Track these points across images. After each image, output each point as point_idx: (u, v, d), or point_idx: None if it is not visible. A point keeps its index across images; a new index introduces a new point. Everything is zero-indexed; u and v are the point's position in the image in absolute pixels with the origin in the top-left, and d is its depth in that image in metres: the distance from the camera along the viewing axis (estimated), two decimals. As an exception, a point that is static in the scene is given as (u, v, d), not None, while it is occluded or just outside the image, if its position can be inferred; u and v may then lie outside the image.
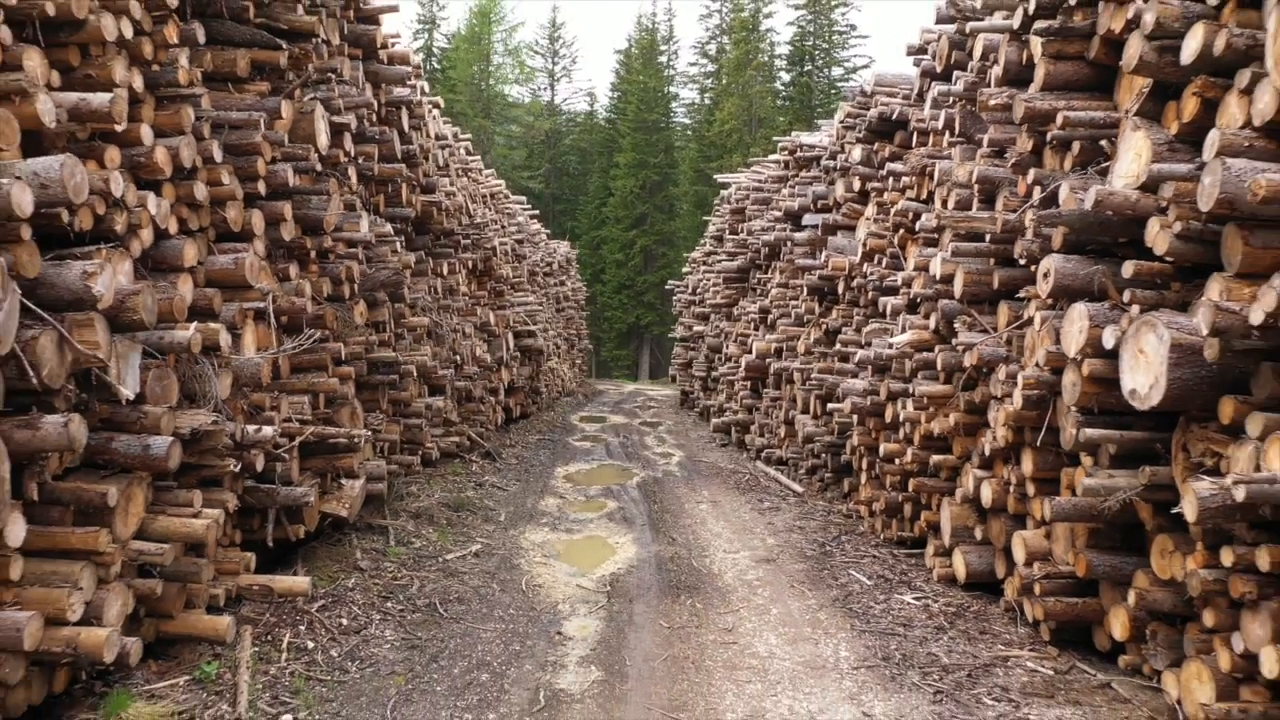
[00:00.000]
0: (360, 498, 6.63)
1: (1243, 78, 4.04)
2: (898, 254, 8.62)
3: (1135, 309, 4.49)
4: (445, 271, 10.80)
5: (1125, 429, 4.74)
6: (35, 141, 3.87)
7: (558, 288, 23.95)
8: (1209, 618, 4.18)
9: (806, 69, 35.77)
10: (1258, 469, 3.72)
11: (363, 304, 7.26)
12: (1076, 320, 4.81)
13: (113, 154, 4.37)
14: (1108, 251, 4.99)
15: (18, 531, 3.46)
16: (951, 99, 7.46)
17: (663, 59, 42.61)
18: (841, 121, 10.73)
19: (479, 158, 14.31)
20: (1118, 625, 5.07)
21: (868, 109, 9.86)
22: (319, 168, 6.27)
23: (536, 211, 21.26)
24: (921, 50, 8.62)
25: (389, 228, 7.82)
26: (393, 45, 8.33)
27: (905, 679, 4.99)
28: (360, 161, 7.55)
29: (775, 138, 15.79)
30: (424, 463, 9.32)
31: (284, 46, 5.88)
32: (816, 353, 11.10)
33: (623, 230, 38.38)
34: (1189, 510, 3.96)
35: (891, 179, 8.88)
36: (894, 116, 9.12)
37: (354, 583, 6.12)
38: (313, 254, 6.39)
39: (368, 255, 7.39)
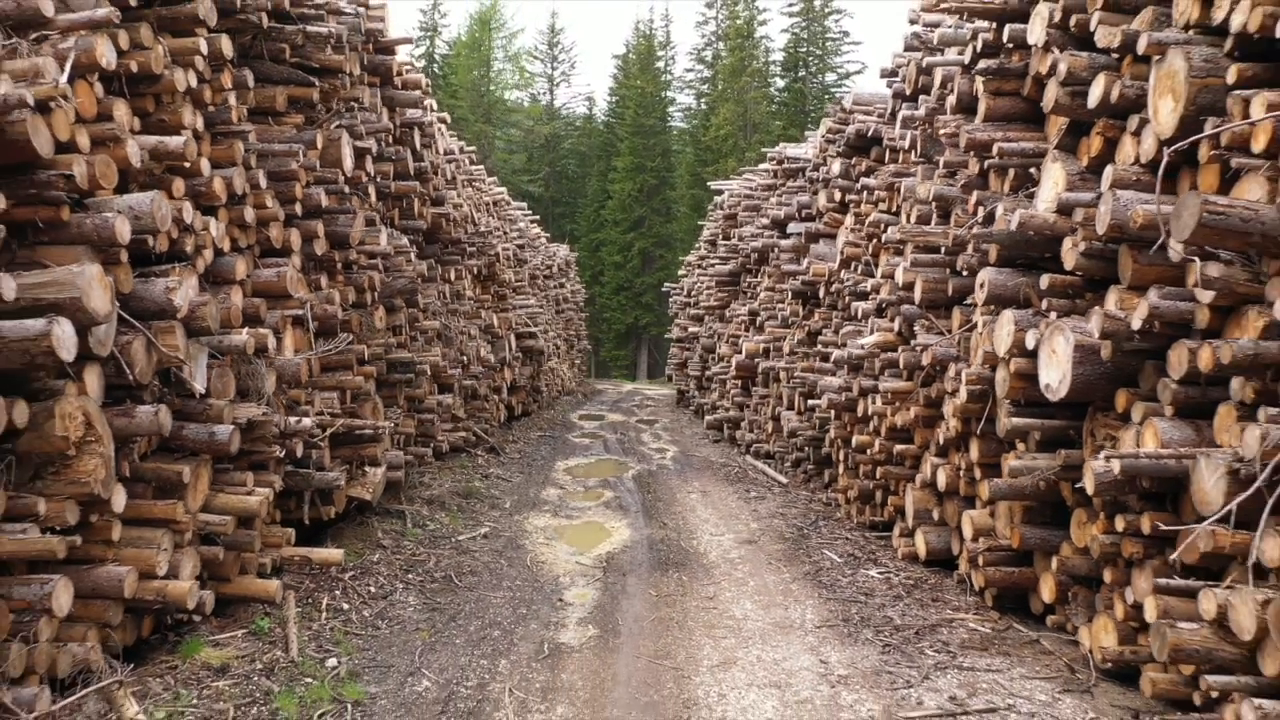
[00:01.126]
0: (382, 484, 7.39)
1: (1133, 122, 4.82)
2: (871, 262, 9.38)
3: (1052, 315, 5.27)
4: (453, 277, 11.57)
5: (1048, 418, 5.51)
6: (121, 177, 4.63)
7: (557, 290, 24.69)
8: (1108, 575, 4.95)
9: (800, 75, 36.55)
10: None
11: (382, 310, 8.03)
12: (1005, 325, 5.58)
13: (179, 185, 5.13)
14: (1034, 265, 5.76)
15: (120, 500, 4.23)
16: (916, 122, 8.22)
17: (660, 64, 43.33)
18: (824, 135, 11.47)
19: (481, 167, 15.08)
20: (1046, 589, 5.82)
21: (847, 124, 10.57)
22: (346, 189, 7.03)
23: (537, 216, 22.03)
24: (893, 73, 9.35)
25: (404, 240, 8.59)
26: (406, 72, 9.09)
27: (860, 635, 5.76)
28: (379, 180, 8.31)
29: (764, 149, 16.55)
30: (435, 455, 10.09)
31: (316, 83, 6.65)
32: (800, 353, 11.88)
33: (621, 233, 39.13)
34: (1089, 484, 4.74)
35: (866, 192, 9.63)
36: (869, 134, 9.87)
37: (378, 558, 6.89)
38: (339, 265, 7.15)
39: (386, 265, 8.15)
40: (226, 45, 5.41)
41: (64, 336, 3.62)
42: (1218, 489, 3.79)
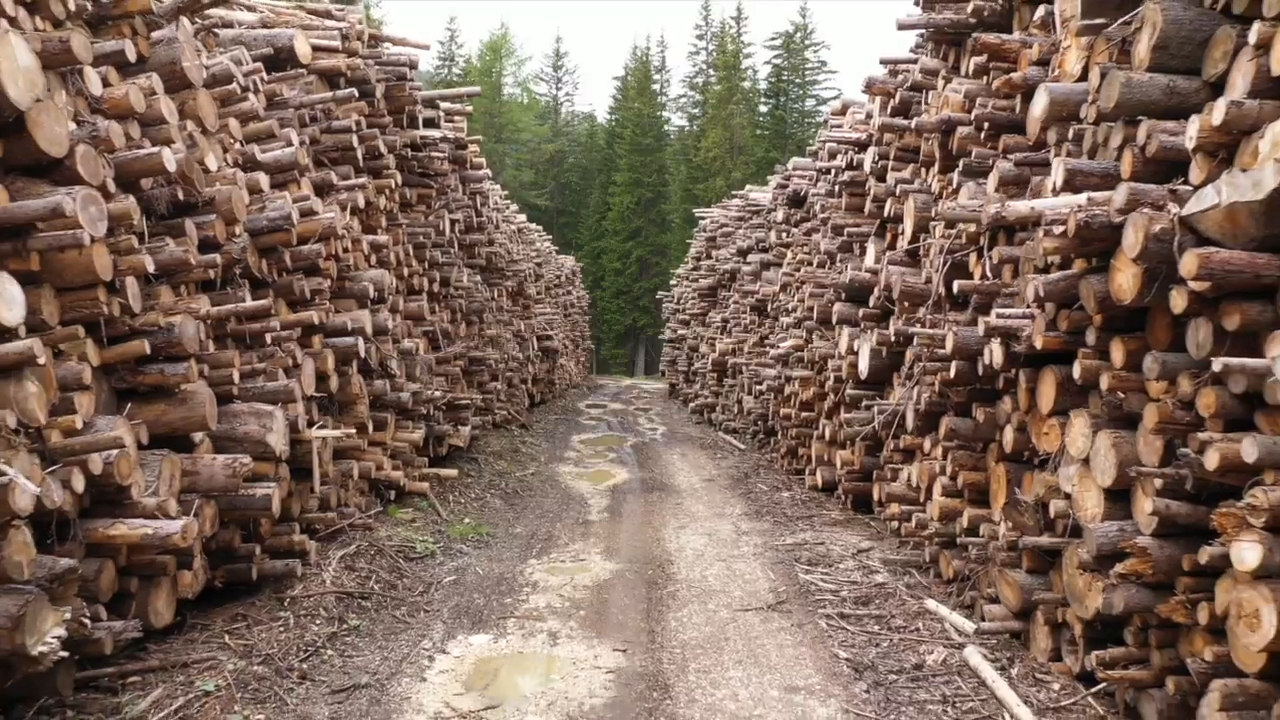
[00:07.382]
0: (469, 437, 11.44)
1: (900, 226, 8.86)
2: (796, 289, 13.42)
3: (867, 332, 9.30)
4: (496, 295, 15.62)
5: (869, 390, 9.55)
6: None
7: (565, 296, 28.68)
8: (889, 474, 9.00)
9: (782, 101, 40.62)
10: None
11: (464, 324, 12.08)
12: (844, 336, 9.63)
13: (374, 258, 9.15)
14: (863, 301, 9.79)
15: (370, 427, 8.26)
16: (823, 194, 12.24)
17: (656, 87, 47.42)
18: (775, 186, 15.52)
19: (508, 200, 19.12)
20: (877, 493, 9.85)
21: (790, 181, 14.59)
22: (448, 248, 11.08)
23: (550, 236, 26.03)
24: (814, 154, 13.39)
25: (479, 277, 12.64)
26: (474, 157, 13.13)
27: (763, 518, 9.81)
28: (458, 234, 12.36)
29: (734, 191, 20.57)
30: (492, 425, 14.16)
31: (433, 185, 10.70)
32: (754, 352, 15.93)
33: (620, 242, 43.18)
34: (876, 423, 8.78)
35: (795, 238, 13.69)
36: (802, 193, 13.90)
37: (469, 481, 10.95)
38: (443, 296, 11.20)
39: (466, 294, 12.20)
40: (399, 177, 9.46)
41: (361, 345, 7.67)
42: (910, 418, 7.83)
